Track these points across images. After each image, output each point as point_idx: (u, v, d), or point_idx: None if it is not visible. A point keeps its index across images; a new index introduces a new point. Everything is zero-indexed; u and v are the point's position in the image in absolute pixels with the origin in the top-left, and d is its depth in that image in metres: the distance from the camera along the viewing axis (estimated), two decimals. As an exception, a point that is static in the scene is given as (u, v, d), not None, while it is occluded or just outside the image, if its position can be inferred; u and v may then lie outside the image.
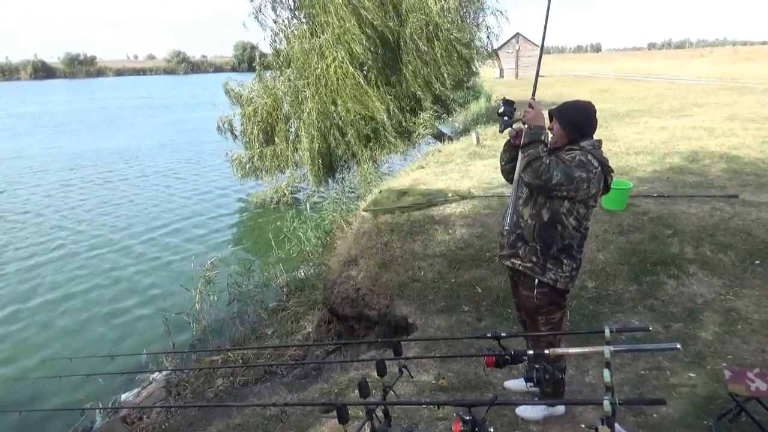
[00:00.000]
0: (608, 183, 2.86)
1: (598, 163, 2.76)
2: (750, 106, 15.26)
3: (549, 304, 2.96)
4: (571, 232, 2.83)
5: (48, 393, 5.86)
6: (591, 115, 2.90)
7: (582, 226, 2.85)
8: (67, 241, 10.99)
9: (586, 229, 2.90)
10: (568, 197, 2.75)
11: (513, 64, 44.61)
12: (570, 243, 2.85)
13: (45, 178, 17.04)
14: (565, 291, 2.98)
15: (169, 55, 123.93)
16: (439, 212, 6.18)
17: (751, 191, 6.24)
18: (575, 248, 2.88)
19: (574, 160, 2.74)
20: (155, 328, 7.05)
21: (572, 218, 2.81)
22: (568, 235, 2.84)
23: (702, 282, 4.61)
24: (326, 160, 11.66)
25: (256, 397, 4.72)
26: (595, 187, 2.75)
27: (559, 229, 2.83)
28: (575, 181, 2.69)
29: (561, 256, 2.87)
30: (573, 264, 2.90)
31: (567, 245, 2.86)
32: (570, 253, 2.87)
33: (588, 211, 2.85)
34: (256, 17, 11.82)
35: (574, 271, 2.92)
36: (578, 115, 2.89)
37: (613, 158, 8.46)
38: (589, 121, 2.89)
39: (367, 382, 1.91)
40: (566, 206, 2.79)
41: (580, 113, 2.90)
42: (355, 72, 11.04)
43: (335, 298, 5.81)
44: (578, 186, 2.70)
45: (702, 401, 3.17)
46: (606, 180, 2.83)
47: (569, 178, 2.68)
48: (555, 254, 2.86)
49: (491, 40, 14.47)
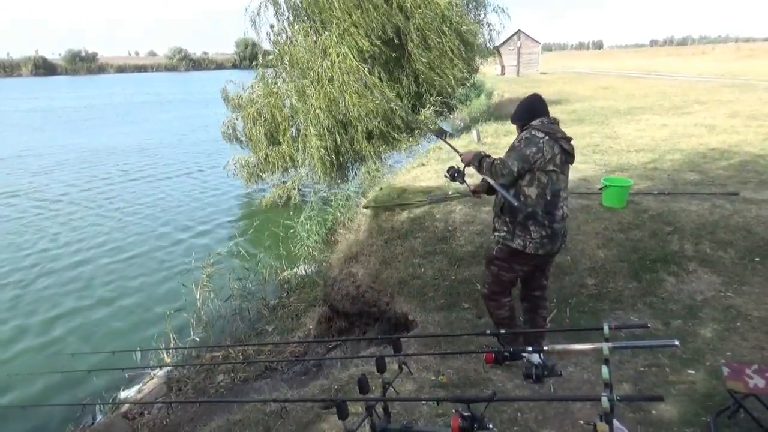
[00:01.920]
0: (565, 148, 3.23)
1: (543, 133, 3.18)
2: (752, 103, 15.24)
3: (504, 261, 3.42)
4: (534, 199, 3.21)
5: (49, 388, 5.88)
6: (529, 103, 3.37)
7: (545, 194, 3.20)
8: (71, 236, 11.02)
9: (555, 195, 3.23)
10: (531, 170, 3.17)
11: (514, 61, 44.54)
12: (534, 210, 3.22)
13: (52, 176, 17.07)
14: (534, 255, 3.31)
15: (170, 52, 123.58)
16: (439, 210, 6.18)
17: (752, 188, 6.24)
18: (541, 214, 3.22)
19: (521, 140, 3.24)
20: (156, 325, 7.07)
21: (533, 188, 3.20)
22: (532, 203, 3.21)
23: (702, 279, 4.62)
24: (335, 157, 11.60)
25: (257, 393, 4.75)
26: (549, 153, 3.16)
27: (521, 199, 3.22)
28: (529, 157, 3.15)
29: (527, 223, 3.25)
30: (542, 231, 3.25)
31: (531, 212, 3.22)
32: (536, 219, 3.23)
33: (550, 177, 3.20)
34: (258, 16, 11.82)
35: (544, 238, 3.26)
36: (518, 108, 3.41)
37: (613, 155, 8.50)
38: (527, 108, 3.35)
39: (366, 378, 1.92)
40: (527, 178, 3.20)
41: (519, 106, 3.41)
42: (360, 65, 10.98)
43: (336, 295, 5.83)
44: (534, 158, 3.15)
45: (700, 398, 3.18)
46: (561, 146, 3.21)
47: (524, 158, 3.15)
48: (522, 222, 3.26)
49: (493, 37, 14.50)
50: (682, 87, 22.54)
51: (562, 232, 3.38)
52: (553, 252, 3.41)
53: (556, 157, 3.19)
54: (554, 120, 3.33)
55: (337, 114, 11.26)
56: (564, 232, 3.41)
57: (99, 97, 49.78)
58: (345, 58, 10.93)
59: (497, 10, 14.03)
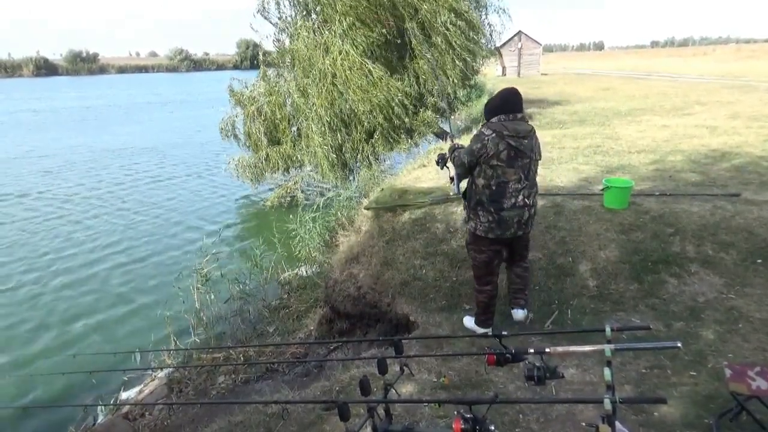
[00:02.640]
0: (512, 145, 3.58)
1: (491, 131, 3.60)
2: (753, 104, 15.22)
3: (471, 243, 3.99)
4: (480, 189, 3.71)
5: (50, 390, 5.88)
6: (492, 104, 3.74)
7: (490, 184, 3.65)
8: (73, 238, 11.03)
9: (500, 186, 3.64)
10: (479, 163, 3.65)
11: (515, 62, 44.57)
12: (481, 198, 3.72)
13: (59, 177, 17.09)
14: (485, 238, 3.81)
15: (171, 52, 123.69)
16: (440, 210, 6.17)
17: (753, 190, 6.23)
18: (486, 202, 3.70)
19: (473, 137, 3.73)
20: (157, 326, 7.07)
21: (480, 178, 3.69)
22: (479, 192, 3.72)
23: (703, 281, 4.61)
24: (337, 156, 11.58)
25: (258, 395, 4.75)
26: (493, 150, 3.58)
27: (473, 188, 3.77)
28: (475, 151, 3.64)
29: (477, 209, 3.78)
30: (489, 216, 3.72)
31: (479, 200, 3.74)
32: (483, 206, 3.72)
33: (494, 171, 3.62)
34: (262, 14, 11.80)
35: (492, 223, 3.72)
36: (485, 106, 3.83)
37: (615, 156, 8.49)
38: (491, 108, 3.72)
39: (368, 380, 1.91)
40: (477, 170, 3.70)
41: (486, 104, 3.82)
42: (363, 61, 10.90)
43: (337, 296, 5.83)
44: (478, 153, 3.63)
45: (703, 400, 3.17)
46: (508, 143, 3.57)
47: (471, 152, 3.67)
48: (473, 207, 3.80)
49: (494, 38, 14.49)
50: (682, 88, 22.52)
51: (517, 219, 3.74)
52: (505, 237, 3.80)
53: (501, 153, 3.58)
54: (517, 117, 3.65)
55: (341, 112, 11.22)
56: (522, 220, 3.77)
57: (102, 97, 49.91)
58: (347, 54, 10.88)
59: (498, 11, 13.99)
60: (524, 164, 3.67)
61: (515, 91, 3.69)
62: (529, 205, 3.77)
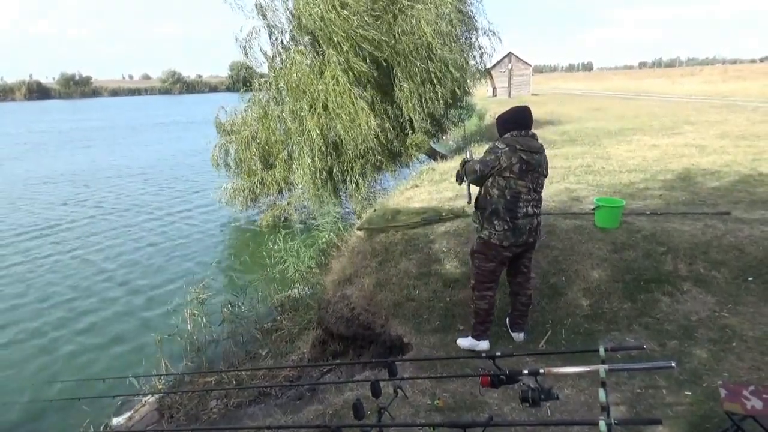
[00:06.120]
0: (524, 158, 3.75)
1: (504, 145, 3.79)
2: (740, 123, 15.45)
3: (481, 252, 4.07)
4: (495, 198, 3.84)
5: (38, 416, 5.77)
6: (504, 121, 3.93)
7: (505, 194, 3.80)
8: (62, 261, 10.93)
9: (514, 197, 3.81)
10: (492, 174, 3.81)
11: (506, 83, 45.07)
12: (496, 207, 3.84)
13: (42, 193, 17.00)
14: (500, 246, 3.92)
15: (164, 75, 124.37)
16: (433, 231, 6.18)
17: (743, 208, 6.28)
18: (502, 211, 3.84)
19: (487, 149, 3.93)
20: (147, 350, 6.98)
21: (494, 188, 3.83)
22: (494, 201, 3.85)
23: (696, 299, 4.62)
24: (327, 180, 11.66)
25: (250, 419, 4.67)
26: (505, 162, 3.75)
27: (487, 198, 3.89)
28: (488, 163, 3.81)
29: (492, 218, 3.89)
30: (504, 225, 3.85)
31: (494, 209, 3.86)
32: (498, 215, 3.85)
33: (507, 182, 3.79)
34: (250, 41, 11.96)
35: (507, 231, 3.87)
36: (498, 122, 4.00)
37: (606, 176, 8.56)
38: (503, 125, 3.92)
39: (362, 403, 1.89)
40: (490, 181, 3.85)
41: (499, 120, 3.99)
42: (353, 89, 11.08)
43: (330, 317, 5.78)
44: (492, 164, 3.79)
45: (698, 420, 3.15)
46: (521, 157, 3.74)
47: (484, 163, 3.83)
48: (488, 216, 3.91)
49: (484, 59, 14.67)
50: (671, 108, 22.84)
51: (528, 227, 3.90)
52: (518, 244, 3.94)
53: (514, 166, 3.75)
54: (527, 134, 3.85)
55: (331, 137, 11.33)
56: (532, 228, 3.94)
57: (100, 120, 50.33)
58: (338, 82, 11.03)
59: (488, 34, 14.19)
60: (534, 178, 3.86)
61: (527, 109, 3.93)
62: (537, 214, 3.98)
